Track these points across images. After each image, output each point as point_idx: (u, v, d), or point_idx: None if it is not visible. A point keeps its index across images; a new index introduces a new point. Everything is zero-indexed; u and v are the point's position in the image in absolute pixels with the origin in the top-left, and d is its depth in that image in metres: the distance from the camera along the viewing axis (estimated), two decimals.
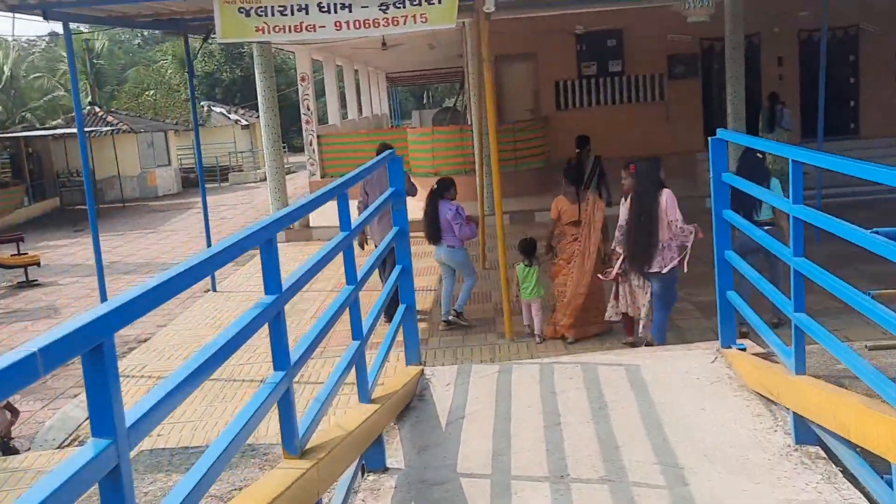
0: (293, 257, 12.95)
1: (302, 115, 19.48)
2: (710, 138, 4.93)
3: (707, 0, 8.18)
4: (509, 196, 16.48)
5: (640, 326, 7.21)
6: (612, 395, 4.74)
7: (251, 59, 48.69)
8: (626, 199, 7.09)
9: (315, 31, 7.61)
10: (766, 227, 7.29)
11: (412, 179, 9.93)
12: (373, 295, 5.50)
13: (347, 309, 4.12)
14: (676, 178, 10.37)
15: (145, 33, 50.78)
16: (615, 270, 7.15)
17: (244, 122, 38.09)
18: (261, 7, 7.65)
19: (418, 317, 8.59)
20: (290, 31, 7.63)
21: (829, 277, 3.51)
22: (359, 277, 4.36)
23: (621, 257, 7.07)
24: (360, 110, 32.74)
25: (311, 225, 15.60)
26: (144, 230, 21.87)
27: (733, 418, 4.36)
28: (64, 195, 28.16)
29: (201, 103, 40.42)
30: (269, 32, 7.73)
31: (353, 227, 4.24)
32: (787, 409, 4.12)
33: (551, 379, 5.08)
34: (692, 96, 18.60)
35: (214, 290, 11.91)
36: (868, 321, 3.42)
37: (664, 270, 6.69)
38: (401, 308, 5.67)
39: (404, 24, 7.57)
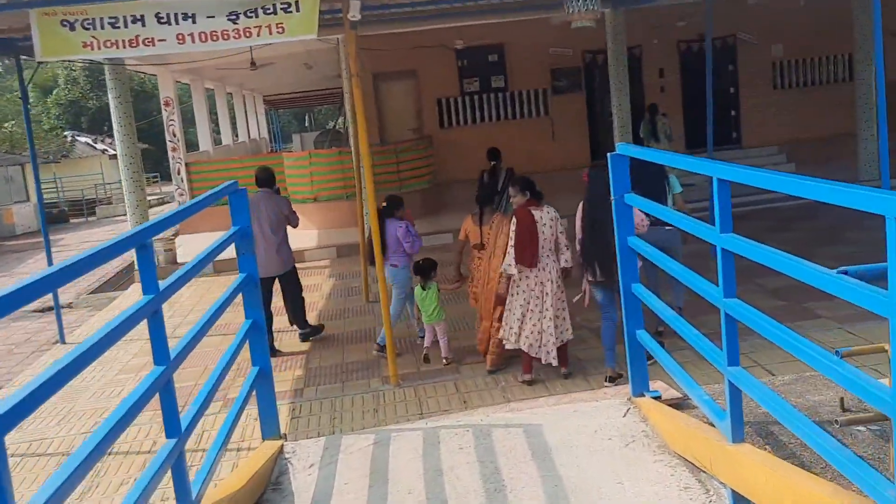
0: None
1: (168, 143, 18.12)
2: (609, 154, 4.16)
3: (592, 3, 7.56)
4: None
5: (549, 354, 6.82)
6: (511, 471, 3.89)
7: None
8: (579, 212, 6.97)
9: (154, 45, 6.58)
10: (667, 228, 6.75)
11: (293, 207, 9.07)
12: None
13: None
14: (565, 195, 9.86)
15: (6, 61, 47.63)
16: (587, 296, 6.93)
17: (112, 152, 35.98)
18: (87, 19, 6.57)
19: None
20: (124, 46, 6.57)
21: (775, 327, 2.76)
22: (179, 348, 3.37)
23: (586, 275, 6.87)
24: (235, 135, 31.35)
25: (177, 260, 14.31)
26: None
27: (656, 494, 3.57)
28: None
29: (65, 133, 38.11)
30: (98, 48, 6.65)
31: (161, 289, 3.23)
32: (723, 482, 3.37)
33: (437, 450, 4.20)
34: (577, 110, 18.23)
35: (63, 341, 10.49)
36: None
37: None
38: (252, 371, 4.73)
39: (258, 35, 6.63)
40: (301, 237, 15.55)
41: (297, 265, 9.20)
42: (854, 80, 15.34)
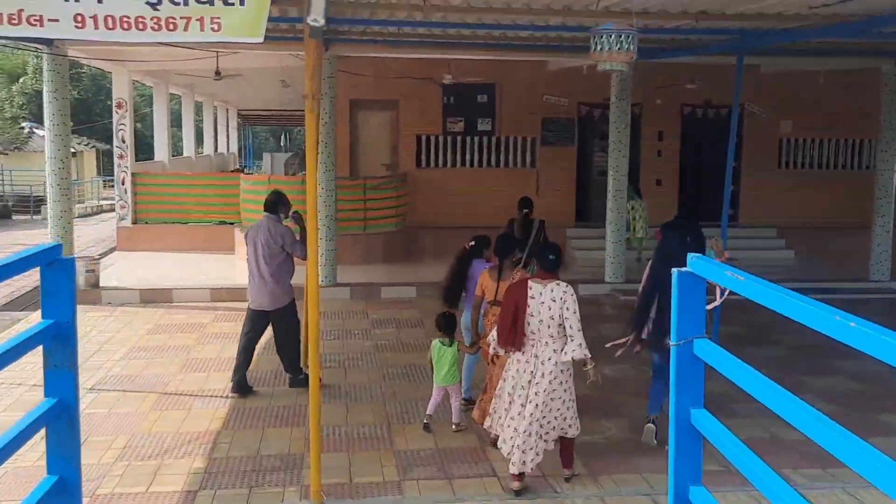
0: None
1: (115, 148, 16.37)
2: (676, 271, 2.55)
3: (628, 44, 6.07)
4: (356, 263, 14.07)
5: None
6: None
7: (91, 81, 44.61)
8: (648, 269, 6.67)
9: (43, 25, 4.96)
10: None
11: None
12: None
13: None
14: None
15: None
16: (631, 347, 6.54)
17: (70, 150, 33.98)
18: None
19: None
20: (1, 22, 4.96)
21: None
22: None
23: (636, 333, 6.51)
24: (200, 148, 29.63)
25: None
26: None
27: None
28: None
29: (23, 124, 36.05)
30: None
31: None
32: None
33: None
34: (566, 166, 16.79)
35: None
36: None
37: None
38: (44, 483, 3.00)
39: (186, 29, 5.03)
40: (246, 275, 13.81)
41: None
42: (875, 169, 14.01)
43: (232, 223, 16.05)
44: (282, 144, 54.70)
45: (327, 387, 8.00)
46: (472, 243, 7.43)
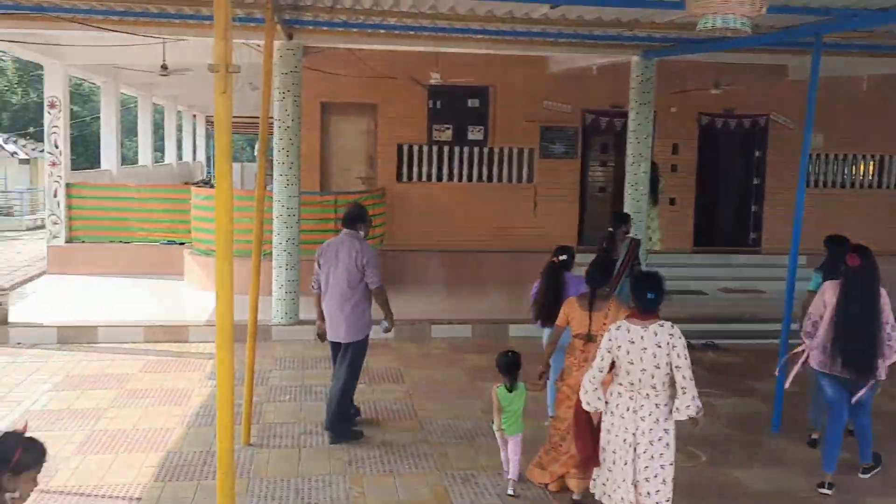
0: None
1: (46, 155, 14.09)
2: None
3: (746, 20, 3.95)
4: None
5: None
6: None
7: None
8: (830, 294, 6.11)
9: None
10: None
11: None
12: None
13: None
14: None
15: None
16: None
17: (23, 156, 31.45)
18: None
19: None
20: None
21: None
22: None
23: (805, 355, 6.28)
24: (160, 155, 27.34)
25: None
26: None
27: None
28: None
29: None
30: None
31: None
32: None
33: None
34: (568, 181, 14.73)
35: None
36: None
37: (883, 376, 5.95)
38: None
39: None
40: (194, 307, 11.60)
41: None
42: None
43: (181, 243, 13.83)
44: (255, 154, 52.24)
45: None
46: (563, 257, 6.79)
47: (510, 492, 5.84)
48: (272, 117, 10.33)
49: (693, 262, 14.14)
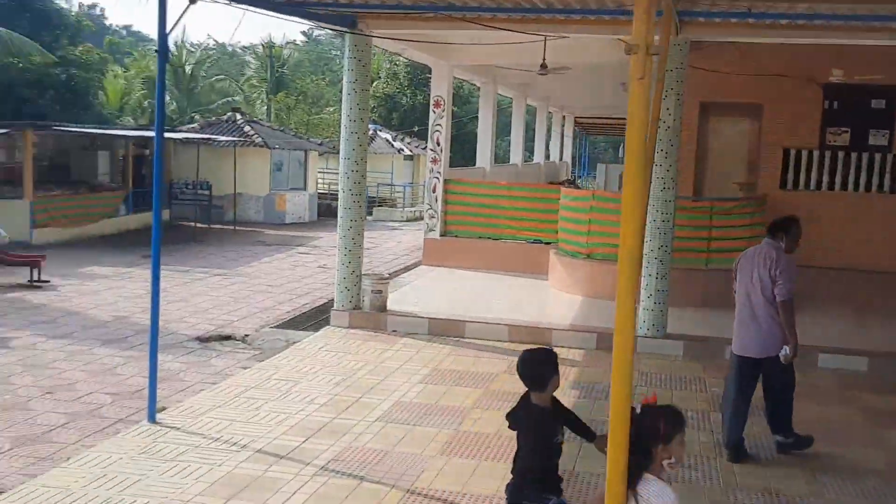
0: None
1: (427, 152, 14.85)
2: None
3: None
4: (692, 308, 11.02)
5: None
6: None
7: None
8: None
9: None
10: None
11: None
12: None
13: None
14: None
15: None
16: None
17: (407, 153, 34.06)
18: None
19: None
20: None
21: None
22: None
23: None
24: (529, 154, 27.97)
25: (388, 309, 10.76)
26: (215, 270, 17.14)
27: None
28: (174, 208, 24.29)
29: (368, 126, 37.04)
30: None
31: None
32: None
33: None
34: None
35: (152, 419, 7.07)
36: None
37: None
38: None
39: None
40: (558, 309, 11.44)
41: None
42: None
43: (548, 243, 13.79)
44: (620, 155, 52.02)
45: None
46: None
47: None
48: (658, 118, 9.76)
49: None
